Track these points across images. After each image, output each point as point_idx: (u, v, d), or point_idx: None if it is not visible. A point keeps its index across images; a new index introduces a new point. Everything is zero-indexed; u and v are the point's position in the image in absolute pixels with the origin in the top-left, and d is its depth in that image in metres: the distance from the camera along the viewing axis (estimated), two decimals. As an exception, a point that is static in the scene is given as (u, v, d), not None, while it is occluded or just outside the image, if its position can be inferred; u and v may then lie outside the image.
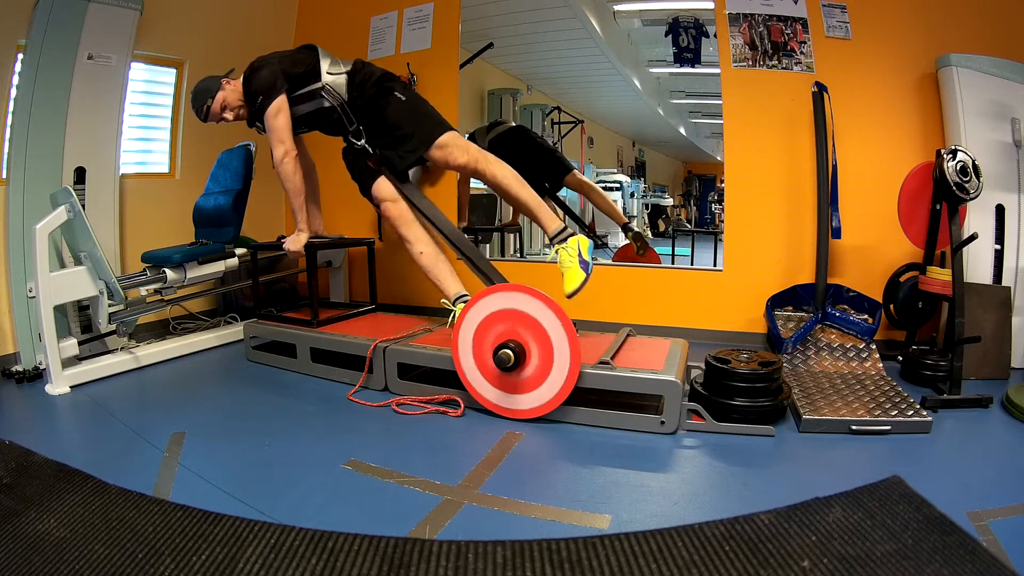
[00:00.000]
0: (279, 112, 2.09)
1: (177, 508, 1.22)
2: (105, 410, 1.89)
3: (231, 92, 2.19)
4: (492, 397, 1.79)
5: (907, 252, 2.43)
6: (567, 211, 3.27)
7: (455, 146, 2.08)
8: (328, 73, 2.14)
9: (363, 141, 2.14)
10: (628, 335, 2.11)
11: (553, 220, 2.04)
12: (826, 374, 2.12)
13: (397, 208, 2.10)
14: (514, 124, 3.30)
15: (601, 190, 3.27)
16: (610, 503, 1.27)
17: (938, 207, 2.16)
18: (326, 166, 2.65)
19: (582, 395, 1.73)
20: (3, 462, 1.42)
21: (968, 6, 2.46)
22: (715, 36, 2.77)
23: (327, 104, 2.15)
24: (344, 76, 2.15)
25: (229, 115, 2.21)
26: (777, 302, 2.52)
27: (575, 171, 3.21)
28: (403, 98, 2.13)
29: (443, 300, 2.03)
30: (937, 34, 2.47)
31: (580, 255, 1.94)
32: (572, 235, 1.98)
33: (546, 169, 3.21)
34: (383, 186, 2.11)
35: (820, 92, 2.45)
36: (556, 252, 1.98)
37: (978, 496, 1.27)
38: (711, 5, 2.76)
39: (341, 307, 2.80)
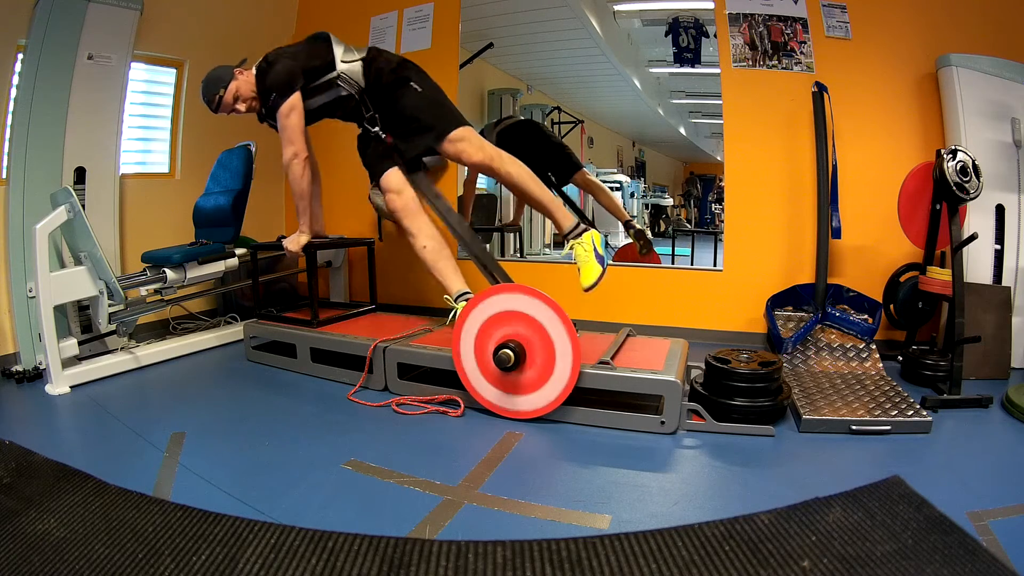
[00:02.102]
0: (292, 111, 2.05)
1: (177, 508, 1.22)
2: (105, 410, 1.89)
3: (244, 83, 2.14)
4: (492, 397, 1.79)
5: (907, 252, 2.43)
6: (572, 206, 3.26)
7: (470, 142, 2.05)
8: (343, 61, 2.10)
9: (378, 128, 2.11)
10: (628, 335, 2.11)
11: (567, 217, 2.04)
12: (826, 374, 2.12)
13: (402, 200, 2.06)
14: (522, 118, 3.29)
15: (607, 188, 3.26)
16: (610, 503, 1.27)
17: (938, 207, 2.16)
18: (326, 166, 2.65)
19: (582, 395, 1.73)
20: (3, 462, 1.42)
21: (968, 6, 2.46)
22: (715, 36, 2.77)
23: (344, 92, 2.12)
24: (359, 63, 2.11)
25: (241, 106, 2.16)
26: (777, 302, 2.52)
27: (585, 169, 3.20)
28: (419, 89, 2.10)
29: (445, 296, 2.03)
30: (937, 34, 2.47)
31: (595, 249, 1.98)
32: (586, 230, 2.00)
33: (555, 164, 3.19)
34: (391, 177, 2.08)
35: (820, 92, 2.45)
36: (571, 248, 1.99)
37: (978, 496, 1.27)
38: (711, 5, 2.76)
39: (341, 307, 2.80)
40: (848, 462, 1.50)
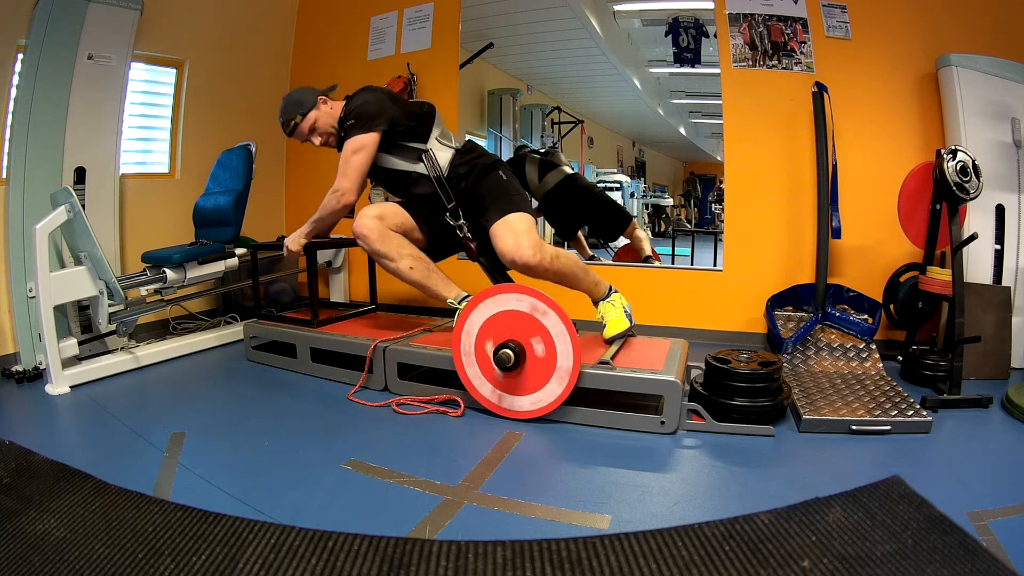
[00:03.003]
0: (362, 148, 1.89)
1: (177, 508, 1.22)
2: (105, 410, 1.89)
3: (326, 114, 2.01)
4: (492, 397, 1.79)
5: (907, 252, 2.43)
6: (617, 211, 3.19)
7: (527, 235, 1.84)
8: (437, 140, 1.97)
9: (461, 222, 1.99)
10: (628, 335, 2.11)
11: (600, 285, 2.05)
12: (826, 374, 2.12)
13: (373, 223, 1.90)
14: (568, 171, 3.17)
15: (647, 239, 3.17)
16: (610, 503, 1.27)
17: (938, 207, 2.16)
18: (326, 166, 2.65)
19: (582, 395, 1.73)
20: (3, 462, 1.42)
21: (968, 6, 2.46)
22: (715, 36, 2.77)
23: (422, 171, 1.97)
24: (451, 151, 1.98)
25: (316, 139, 2.04)
26: (777, 302, 2.52)
27: (634, 221, 3.15)
28: (504, 178, 1.99)
29: (448, 300, 2.01)
30: (937, 34, 2.47)
31: (624, 308, 2.04)
32: (616, 292, 2.07)
33: (608, 225, 3.17)
34: (365, 209, 1.95)
35: (820, 92, 2.45)
36: (601, 308, 2.04)
37: (978, 496, 1.27)
38: (711, 5, 2.76)
39: (341, 307, 2.80)
40: (848, 462, 1.50)
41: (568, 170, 3.19)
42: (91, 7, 2.46)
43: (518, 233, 1.85)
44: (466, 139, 2.09)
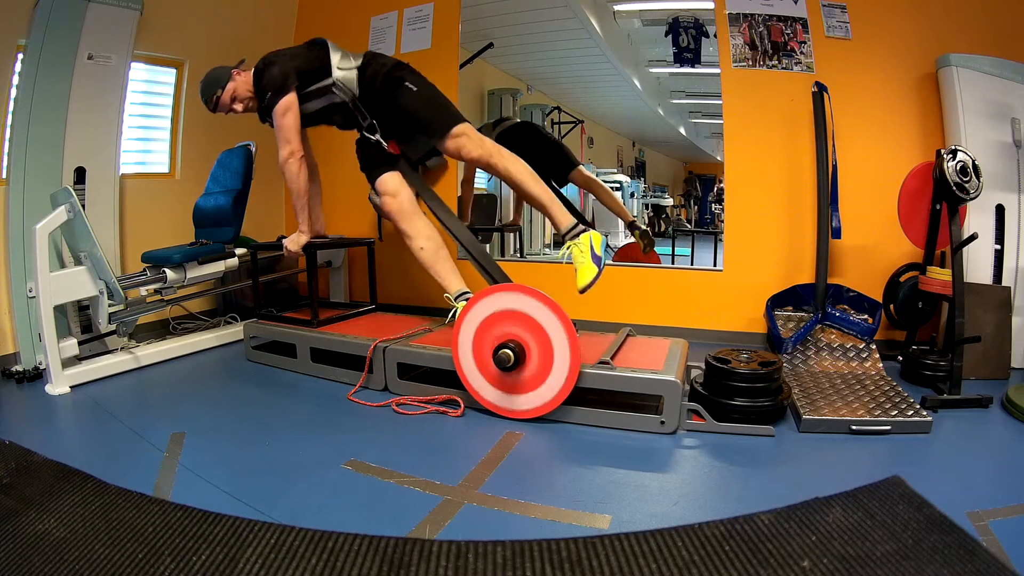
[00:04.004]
0: (287, 111, 2.06)
1: (177, 508, 1.22)
2: (105, 410, 1.89)
3: (241, 83, 2.17)
4: (492, 397, 1.79)
5: (907, 252, 2.43)
6: (571, 207, 3.25)
7: (469, 138, 2.06)
8: (339, 68, 2.11)
9: (378, 135, 2.13)
10: (628, 335, 2.11)
11: (565, 217, 2.02)
12: (826, 374, 2.12)
13: (397, 202, 2.07)
14: (519, 120, 3.29)
15: (608, 187, 3.27)
16: (610, 503, 1.27)
17: (938, 207, 2.16)
18: (326, 166, 2.65)
19: (582, 395, 1.73)
20: (3, 462, 1.42)
21: (968, 6, 2.46)
22: (715, 36, 2.77)
23: (338, 100, 2.13)
24: (355, 71, 2.12)
25: (239, 106, 2.19)
26: (777, 302, 2.52)
27: (581, 167, 3.20)
28: (415, 88, 2.11)
29: (445, 295, 2.02)
30: (937, 34, 2.47)
31: (592, 250, 1.94)
32: (584, 231, 1.97)
33: (552, 164, 3.19)
34: (386, 180, 2.09)
35: (820, 92, 2.45)
36: (568, 249, 1.97)
37: (978, 496, 1.27)
38: (711, 5, 2.76)
39: (341, 307, 2.80)
40: (848, 462, 1.50)
41: (519, 119, 3.29)
42: (91, 7, 2.46)
43: (457, 136, 2.07)
44: (366, 52, 2.20)
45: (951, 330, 1.96)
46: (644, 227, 3.13)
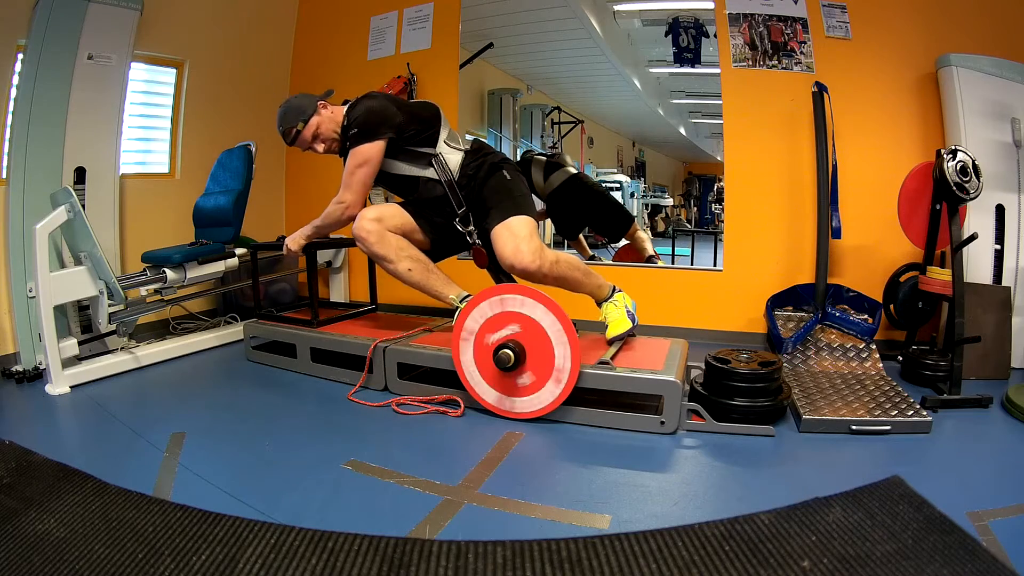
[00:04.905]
0: (367, 162, 1.86)
1: (177, 508, 1.22)
2: (105, 410, 1.89)
3: (328, 120, 1.97)
4: (492, 398, 1.79)
5: (907, 252, 2.43)
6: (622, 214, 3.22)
7: (528, 240, 1.82)
8: (445, 143, 1.95)
9: (471, 227, 1.98)
10: (628, 335, 2.11)
11: (603, 288, 2.03)
12: (826, 374, 2.12)
13: (371, 225, 1.90)
14: (572, 171, 3.17)
15: (645, 236, 3.20)
16: (610, 503, 1.27)
17: (938, 207, 2.16)
18: (326, 166, 2.65)
19: (582, 395, 1.73)
20: (3, 462, 1.42)
21: (968, 6, 2.46)
22: (715, 36, 2.77)
23: (432, 176, 1.94)
24: (461, 154, 1.96)
25: (319, 147, 1.99)
26: (777, 302, 2.52)
27: (636, 223, 3.16)
28: (508, 177, 1.96)
29: (451, 297, 2.00)
30: (937, 34, 2.47)
31: (627, 308, 2.02)
32: (619, 291, 2.05)
33: (611, 224, 3.17)
34: (368, 209, 1.94)
35: (820, 92, 2.45)
36: (604, 309, 2.02)
37: (978, 496, 1.27)
38: (711, 5, 2.76)
39: (341, 307, 2.80)
40: (848, 462, 1.50)
41: (572, 170, 3.18)
42: (91, 7, 2.46)
43: (519, 238, 1.84)
44: (474, 139, 2.06)
45: (951, 330, 1.96)
46: (655, 256, 3.10)
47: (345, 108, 2.00)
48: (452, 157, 1.96)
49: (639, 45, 3.13)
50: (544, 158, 3.18)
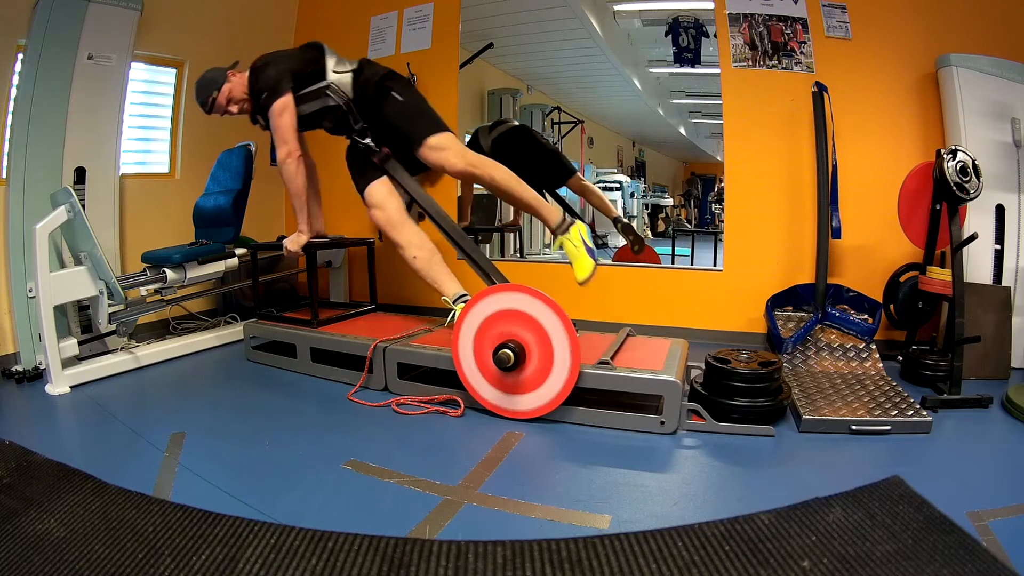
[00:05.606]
0: (284, 111, 2.07)
1: (177, 508, 1.22)
2: (105, 410, 1.89)
3: (237, 85, 2.17)
4: (492, 397, 1.79)
5: (907, 252, 2.43)
6: (568, 209, 3.25)
7: (451, 150, 2.05)
8: (334, 71, 2.12)
9: (368, 139, 2.12)
10: (628, 335, 2.11)
11: (554, 213, 2.05)
12: (826, 374, 2.12)
13: (384, 214, 2.09)
14: (517, 123, 3.27)
15: (597, 189, 3.25)
16: (610, 503, 1.27)
17: (938, 207, 2.16)
18: (326, 166, 2.65)
19: (582, 395, 1.73)
20: (3, 462, 1.42)
21: (968, 6, 2.46)
22: (715, 36, 2.77)
23: (332, 103, 2.13)
24: (350, 75, 2.13)
25: (234, 108, 2.20)
26: (777, 302, 2.52)
27: (578, 174, 3.19)
28: (401, 99, 2.11)
29: (444, 298, 2.03)
30: (937, 34, 2.47)
31: (584, 243, 2.01)
32: (572, 224, 2.03)
33: (549, 171, 3.19)
34: (373, 192, 2.10)
35: (820, 92, 2.45)
36: (561, 244, 2.02)
37: (978, 496, 1.27)
38: (711, 5, 2.76)
39: (341, 307, 2.80)
40: (848, 462, 1.50)
41: (516, 123, 3.24)
42: (91, 7, 2.46)
43: (439, 149, 2.05)
44: (360, 59, 2.19)
45: (951, 330, 1.96)
46: (627, 221, 3.11)
47: (248, 72, 2.17)
48: (343, 78, 2.12)
49: (639, 45, 3.13)
50: (490, 123, 3.26)
